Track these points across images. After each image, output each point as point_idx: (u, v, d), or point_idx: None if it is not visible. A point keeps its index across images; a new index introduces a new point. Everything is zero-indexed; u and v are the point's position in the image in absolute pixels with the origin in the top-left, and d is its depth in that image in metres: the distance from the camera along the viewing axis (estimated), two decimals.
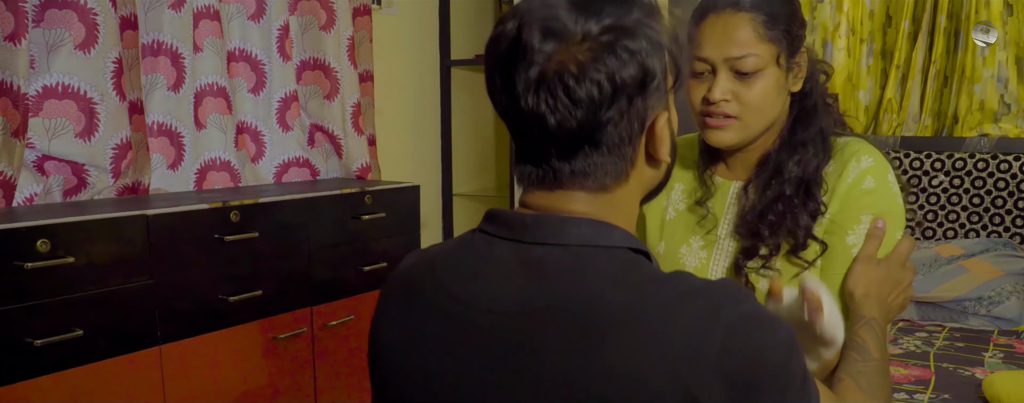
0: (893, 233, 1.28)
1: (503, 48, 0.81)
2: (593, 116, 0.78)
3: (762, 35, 1.22)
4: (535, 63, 0.77)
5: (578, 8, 0.79)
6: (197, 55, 2.27)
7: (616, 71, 0.77)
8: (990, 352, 2.42)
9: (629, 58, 0.78)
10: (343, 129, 2.65)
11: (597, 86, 0.77)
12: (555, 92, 0.77)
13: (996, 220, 3.01)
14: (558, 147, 0.81)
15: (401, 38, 3.09)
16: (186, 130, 2.27)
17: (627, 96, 0.78)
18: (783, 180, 1.30)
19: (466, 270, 0.84)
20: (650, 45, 0.79)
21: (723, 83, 1.24)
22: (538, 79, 0.78)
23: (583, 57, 0.77)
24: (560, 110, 0.78)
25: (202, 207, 1.94)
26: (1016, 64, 3.02)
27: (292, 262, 2.18)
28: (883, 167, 1.30)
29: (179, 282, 1.89)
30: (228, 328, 2.01)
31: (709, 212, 1.39)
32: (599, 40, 0.77)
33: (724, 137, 1.30)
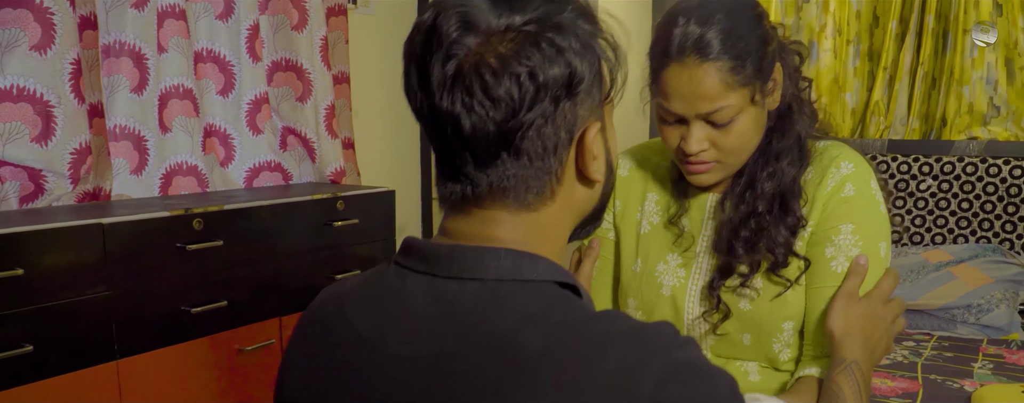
0: (876, 243, 1.21)
1: (419, 40, 0.73)
2: (512, 117, 0.70)
3: (732, 83, 1.12)
4: (452, 56, 0.70)
5: (504, 2, 0.72)
6: (162, 56, 2.19)
7: (539, 66, 0.69)
8: (979, 362, 2.37)
9: (555, 54, 0.70)
10: (316, 132, 2.58)
11: (517, 82, 0.69)
12: (472, 89, 0.69)
13: (985, 225, 2.96)
14: (474, 153, 0.73)
15: (379, 38, 3.01)
16: (150, 134, 2.19)
17: (552, 97, 0.71)
18: (756, 195, 1.23)
19: (376, 308, 0.76)
20: (581, 45, 0.72)
21: (698, 134, 1.16)
22: (454, 74, 0.70)
23: (504, 49, 0.69)
24: (476, 110, 0.70)
25: (162, 215, 1.86)
26: (1006, 66, 2.96)
27: (260, 270, 2.10)
28: (865, 173, 1.23)
29: (138, 293, 1.81)
30: (191, 341, 1.94)
31: (684, 230, 1.32)
32: (523, 31, 0.70)
33: (707, 179, 1.23)
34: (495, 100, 0.69)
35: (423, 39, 0.72)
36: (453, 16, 0.70)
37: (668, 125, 1.20)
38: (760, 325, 1.24)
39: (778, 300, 1.22)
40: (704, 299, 1.27)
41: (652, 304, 1.32)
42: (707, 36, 1.10)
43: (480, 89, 0.69)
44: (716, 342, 1.28)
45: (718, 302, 1.25)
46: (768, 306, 1.23)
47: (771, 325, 1.23)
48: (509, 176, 0.73)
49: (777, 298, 1.22)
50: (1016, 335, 2.61)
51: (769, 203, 1.22)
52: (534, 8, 0.71)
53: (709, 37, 1.10)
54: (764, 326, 1.24)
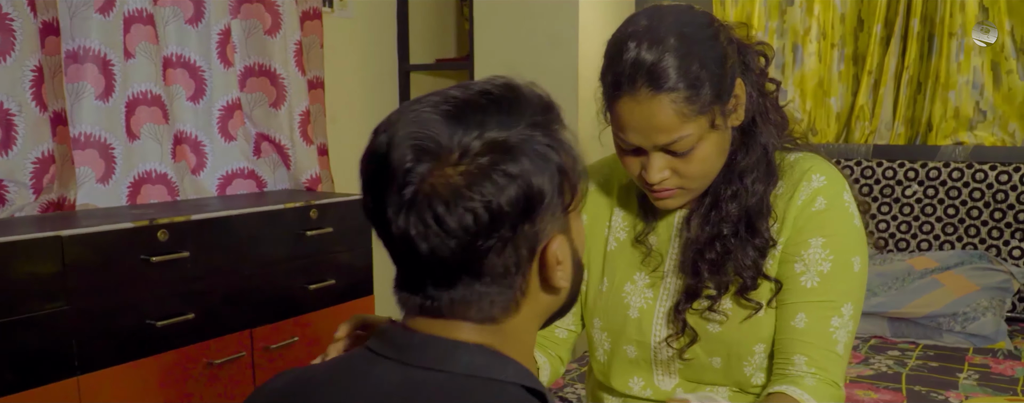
0: (848, 258, 1.16)
1: (373, 167, 0.72)
2: (470, 245, 0.69)
3: (688, 113, 1.06)
4: (406, 185, 0.69)
5: (456, 118, 0.70)
6: (129, 62, 2.14)
7: (494, 198, 0.68)
8: (965, 373, 2.33)
9: (508, 182, 0.69)
10: (291, 138, 2.53)
11: (472, 215, 0.68)
12: (426, 219, 0.68)
13: (971, 232, 2.92)
14: (434, 276, 0.73)
15: (356, 42, 2.96)
16: (117, 141, 2.13)
17: (510, 224, 0.70)
18: (721, 216, 1.17)
19: (340, 392, 0.75)
20: (538, 163, 0.70)
21: (657, 164, 1.11)
22: (409, 201, 0.69)
23: (456, 181, 0.68)
24: (431, 239, 0.69)
25: (125, 226, 1.81)
26: (992, 70, 2.93)
27: (230, 281, 2.05)
28: (837, 185, 1.17)
29: (99, 307, 1.76)
30: (156, 355, 1.89)
31: (651, 248, 1.26)
32: (476, 162, 0.68)
33: (671, 204, 1.18)
34: (449, 231, 0.68)
35: (377, 167, 0.71)
36: (406, 143, 0.69)
37: (627, 154, 1.15)
38: (730, 348, 1.19)
39: (748, 323, 1.17)
40: (670, 322, 1.23)
41: (619, 326, 1.27)
42: (661, 65, 1.04)
43: (434, 220, 0.69)
44: (684, 366, 1.24)
45: (684, 326, 1.20)
46: (738, 329, 1.18)
47: (742, 348, 1.19)
48: (471, 294, 0.73)
49: (747, 321, 1.17)
50: (1003, 344, 2.57)
51: (734, 225, 1.17)
52: (487, 125, 0.70)
53: (662, 66, 1.04)
54: (734, 349, 1.19)
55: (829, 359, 1.14)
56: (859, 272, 1.17)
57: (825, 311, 1.15)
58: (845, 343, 1.16)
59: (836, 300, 1.15)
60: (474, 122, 0.69)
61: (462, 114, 0.70)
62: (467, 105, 0.71)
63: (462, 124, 0.69)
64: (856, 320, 1.18)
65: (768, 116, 1.19)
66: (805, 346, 1.15)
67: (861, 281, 1.18)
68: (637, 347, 1.25)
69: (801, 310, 1.16)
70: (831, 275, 1.15)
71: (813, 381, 1.13)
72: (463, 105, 0.71)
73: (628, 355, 1.27)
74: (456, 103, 0.71)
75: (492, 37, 2.84)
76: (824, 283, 1.15)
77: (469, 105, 0.71)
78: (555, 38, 2.74)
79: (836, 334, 1.15)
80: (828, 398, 1.13)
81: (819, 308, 1.15)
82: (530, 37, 2.79)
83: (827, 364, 1.14)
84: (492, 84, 0.74)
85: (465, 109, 0.71)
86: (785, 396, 1.12)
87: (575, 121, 2.71)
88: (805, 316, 1.15)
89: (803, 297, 1.16)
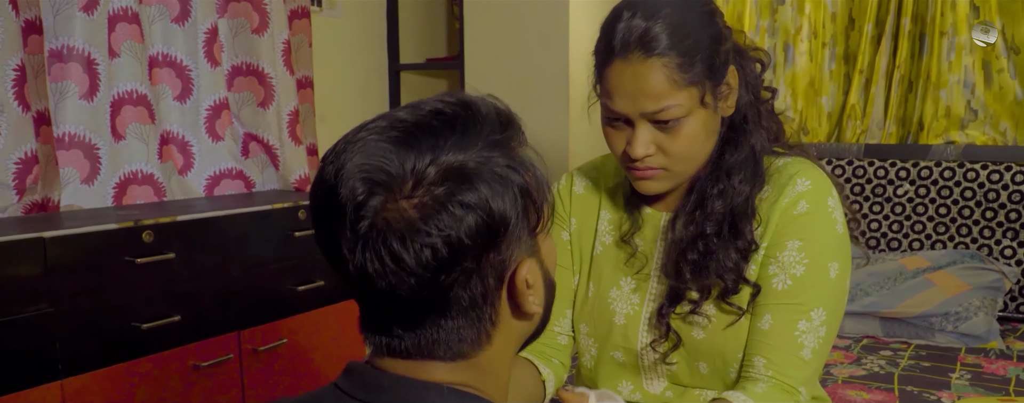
0: (825, 263, 1.12)
1: (323, 201, 0.67)
2: (431, 282, 0.65)
3: (679, 81, 1.04)
4: (358, 220, 0.64)
5: (407, 144, 0.65)
6: (114, 61, 2.11)
7: (452, 230, 0.64)
8: (957, 373, 2.32)
9: (466, 212, 0.64)
10: (279, 138, 2.50)
11: (430, 250, 0.64)
12: (381, 255, 0.64)
13: (963, 231, 2.92)
14: (397, 315, 0.69)
15: (345, 41, 2.94)
16: (102, 141, 2.11)
17: (472, 255, 0.65)
18: (706, 215, 1.14)
19: None
20: (498, 187, 0.66)
21: (643, 137, 1.08)
22: (364, 236, 0.64)
23: (411, 214, 0.63)
24: (389, 276, 0.65)
25: (110, 227, 1.78)
26: (983, 69, 2.92)
27: (217, 283, 2.02)
28: (823, 190, 1.14)
29: (83, 309, 1.73)
30: (142, 358, 1.85)
31: (637, 250, 1.23)
32: (431, 192, 0.64)
33: (653, 186, 1.14)
34: (407, 269, 0.64)
35: (327, 202, 0.67)
36: (355, 175, 0.65)
37: (613, 128, 1.12)
38: (714, 355, 1.17)
39: (731, 330, 1.15)
40: (653, 327, 1.20)
41: (605, 332, 1.24)
42: (653, 30, 1.03)
43: (390, 257, 0.64)
44: (671, 371, 1.22)
45: (667, 330, 1.17)
46: (722, 336, 1.15)
47: (727, 355, 1.16)
48: (438, 333, 0.69)
49: (730, 328, 1.15)
50: (994, 344, 2.57)
51: (718, 225, 1.14)
52: (440, 147, 0.65)
53: (655, 31, 1.03)
54: (719, 356, 1.17)
55: (790, 363, 1.11)
56: (836, 279, 1.13)
57: (792, 314, 1.11)
58: (813, 348, 1.11)
59: (805, 304, 1.11)
60: (427, 146, 0.65)
61: (413, 139, 0.65)
62: (418, 128, 0.66)
63: (413, 149, 0.65)
64: (831, 326, 1.13)
65: (760, 121, 1.17)
66: (766, 348, 1.11)
67: (838, 288, 1.14)
68: (624, 353, 1.23)
69: (768, 312, 1.12)
70: (804, 278, 1.11)
71: (765, 387, 1.09)
72: (414, 129, 0.66)
73: (616, 360, 1.25)
74: (405, 127, 0.66)
75: (482, 37, 2.82)
76: (795, 286, 1.11)
77: (420, 128, 0.66)
78: (545, 38, 2.73)
79: (802, 338, 1.11)
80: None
81: (786, 310, 1.11)
82: (520, 37, 2.77)
83: (787, 368, 1.10)
84: (444, 101, 0.69)
85: (416, 133, 0.66)
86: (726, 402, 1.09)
87: (565, 122, 2.69)
88: (771, 318, 1.12)
89: (772, 299, 1.12)
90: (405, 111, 0.69)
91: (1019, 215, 2.83)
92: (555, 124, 2.70)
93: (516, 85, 2.77)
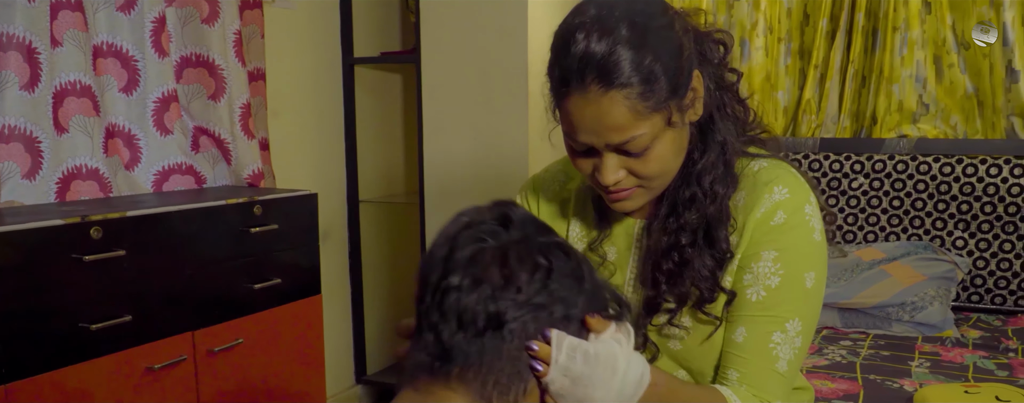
0: (800, 273, 1.08)
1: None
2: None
3: (643, 111, 0.98)
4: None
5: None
6: (56, 50, 2.01)
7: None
8: (916, 361, 2.34)
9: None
10: (231, 132, 2.42)
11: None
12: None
13: (916, 223, 2.96)
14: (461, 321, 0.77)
15: (298, 34, 2.86)
16: (44, 134, 2.01)
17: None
18: (680, 224, 1.10)
19: None
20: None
21: (611, 165, 1.03)
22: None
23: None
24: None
25: (55, 223, 1.69)
26: (934, 64, 2.97)
27: (170, 282, 1.94)
28: (800, 198, 1.09)
29: (27, 310, 1.64)
30: (91, 360, 1.77)
31: (606, 259, 1.18)
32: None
33: (629, 205, 1.09)
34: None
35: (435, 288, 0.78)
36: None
37: (579, 155, 1.07)
38: (692, 366, 1.15)
39: (709, 342, 1.12)
40: None
41: None
42: (610, 59, 0.95)
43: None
44: None
45: (645, 341, 1.13)
46: (699, 348, 1.12)
47: (705, 367, 1.14)
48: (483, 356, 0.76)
49: (708, 341, 1.11)
50: (950, 332, 2.60)
51: (693, 234, 1.10)
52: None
53: (613, 59, 0.95)
54: (698, 366, 1.14)
55: (765, 375, 1.08)
56: (812, 288, 1.10)
57: (767, 325, 1.09)
58: (789, 360, 1.09)
59: (781, 315, 1.08)
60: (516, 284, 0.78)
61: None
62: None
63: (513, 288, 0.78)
64: (806, 336, 1.11)
65: (726, 110, 1.12)
66: (739, 361, 1.09)
67: (813, 297, 1.11)
68: None
69: (743, 324, 1.10)
70: (779, 290, 1.08)
71: (745, 393, 1.08)
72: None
73: None
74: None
75: (439, 30, 2.77)
76: (770, 297, 1.09)
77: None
78: (504, 31, 2.69)
79: (777, 350, 1.08)
80: None
81: (761, 322, 1.09)
82: (478, 30, 2.72)
83: (762, 381, 1.08)
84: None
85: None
86: (715, 391, 1.07)
87: (525, 117, 2.65)
88: (745, 330, 1.09)
89: (747, 310, 1.10)
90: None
91: (970, 207, 2.88)
92: (514, 118, 2.66)
93: (474, 79, 2.72)
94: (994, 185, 2.83)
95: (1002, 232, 2.85)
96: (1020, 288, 2.85)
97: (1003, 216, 2.84)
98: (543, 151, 2.70)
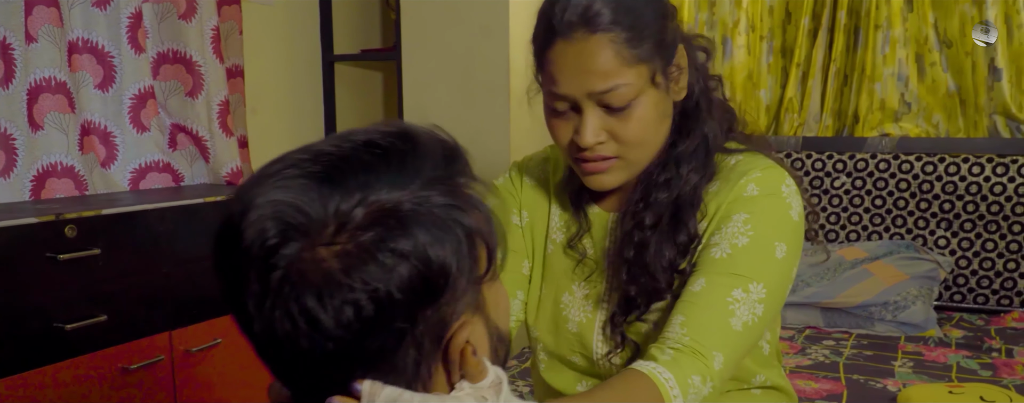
0: (771, 241, 1.02)
1: (227, 246, 0.58)
2: (353, 345, 0.55)
3: (628, 58, 0.97)
4: (267, 269, 0.55)
5: (331, 181, 0.56)
6: (30, 46, 1.97)
7: (381, 283, 0.54)
8: (899, 361, 2.34)
9: (398, 262, 0.54)
10: (209, 130, 2.38)
11: (353, 307, 0.54)
12: (292, 314, 0.54)
13: (899, 222, 2.96)
14: (319, 378, 0.59)
15: (276, 30, 2.83)
16: (18, 131, 1.97)
17: (404, 313, 0.56)
18: (647, 205, 1.06)
19: None
20: (437, 232, 0.56)
21: (592, 122, 1.00)
22: (272, 293, 0.55)
23: (331, 264, 0.54)
24: (300, 339, 0.55)
25: (29, 221, 1.65)
26: (916, 62, 2.97)
27: (147, 281, 1.91)
28: (775, 178, 1.05)
29: (0, 310, 1.60)
30: (66, 360, 1.73)
31: (584, 255, 1.14)
32: (357, 238, 0.54)
33: (606, 180, 1.05)
34: (324, 331, 0.54)
35: (231, 244, 0.57)
36: (265, 212, 0.55)
37: (558, 117, 1.04)
38: None
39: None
40: (607, 338, 1.12)
41: (558, 340, 1.16)
42: (595, 6, 0.96)
43: (303, 317, 0.54)
44: None
45: (622, 340, 1.10)
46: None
47: None
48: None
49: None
50: (933, 332, 2.61)
51: (658, 216, 1.06)
52: (371, 185, 0.55)
53: (597, 6, 0.96)
54: None
55: (713, 327, 0.98)
56: (782, 260, 1.03)
57: (728, 280, 1.00)
58: (746, 322, 0.99)
59: (745, 275, 1.00)
60: (355, 184, 0.55)
61: (339, 174, 0.56)
62: (346, 162, 0.57)
63: (339, 187, 0.55)
64: (769, 308, 1.02)
65: (712, 108, 1.11)
66: (689, 307, 0.99)
67: (782, 270, 1.04)
68: (581, 358, 1.18)
69: (703, 275, 1.02)
70: (746, 250, 1.02)
71: (672, 354, 0.96)
72: (340, 163, 0.57)
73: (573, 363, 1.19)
74: (331, 161, 0.57)
75: (420, 27, 2.74)
76: (736, 255, 1.01)
77: (348, 162, 0.57)
78: (485, 28, 2.67)
79: (735, 306, 0.99)
80: (691, 371, 0.95)
81: (723, 278, 1.01)
82: (459, 27, 2.70)
83: (707, 331, 0.97)
84: (379, 132, 0.59)
85: (343, 168, 0.56)
86: (639, 375, 0.94)
87: (506, 115, 2.63)
88: (705, 281, 1.01)
89: (710, 267, 1.02)
90: (332, 142, 0.59)
91: (952, 206, 2.88)
92: (496, 116, 2.64)
93: (455, 76, 2.70)
94: (976, 184, 2.84)
95: (984, 231, 2.86)
96: (1003, 287, 2.87)
97: (985, 215, 2.85)
98: (525, 147, 2.68)
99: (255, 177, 0.58)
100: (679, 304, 1.02)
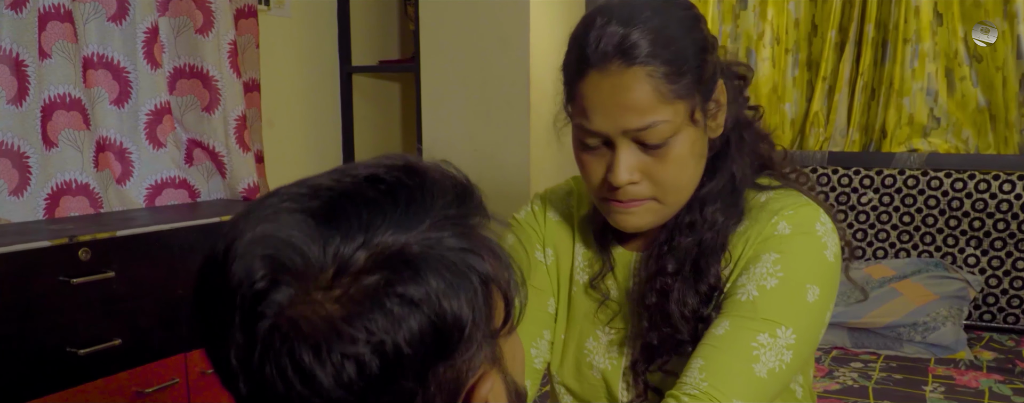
0: (802, 283, 0.94)
1: (210, 287, 0.51)
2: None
3: (666, 94, 0.89)
4: (254, 317, 0.48)
5: (332, 217, 0.49)
6: (44, 62, 1.94)
7: (388, 335, 0.47)
8: (930, 386, 2.28)
9: (408, 311, 0.48)
10: (226, 145, 2.35)
11: (354, 364, 0.47)
12: (284, 370, 0.47)
13: (927, 239, 2.90)
14: None
15: (294, 43, 2.79)
16: (32, 149, 1.93)
17: (414, 371, 0.49)
18: (670, 249, 1.00)
19: None
20: (451, 278, 0.49)
21: (626, 160, 0.93)
22: (260, 345, 0.47)
23: (331, 311, 0.47)
24: (294, 400, 0.47)
25: (41, 245, 1.62)
26: (946, 77, 2.91)
27: (162, 302, 1.87)
28: (810, 215, 0.98)
29: (13, 335, 1.57)
30: (79, 386, 1.70)
31: (606, 297, 1.08)
32: (360, 282, 0.47)
33: (635, 221, 0.98)
34: (322, 392, 0.47)
35: (214, 289, 0.50)
36: (254, 249, 0.48)
37: (589, 152, 0.97)
38: None
39: None
40: (631, 385, 1.06)
41: (581, 386, 1.11)
42: (632, 36, 0.89)
43: (297, 374, 0.47)
44: None
45: (645, 388, 1.04)
46: None
47: None
48: None
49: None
50: (962, 353, 2.54)
51: (679, 263, 0.99)
52: (374, 226, 0.49)
53: (635, 37, 0.89)
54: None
55: (734, 373, 0.91)
56: (814, 304, 0.95)
57: (753, 324, 0.93)
58: (770, 370, 0.92)
59: (773, 319, 0.93)
60: (358, 224, 0.49)
61: (339, 212, 0.50)
62: (347, 199, 0.50)
63: (339, 227, 0.49)
64: (798, 355, 0.94)
65: (744, 145, 1.03)
66: (710, 351, 0.92)
67: (814, 314, 0.96)
68: (607, 401, 1.12)
69: (728, 319, 0.95)
70: (775, 292, 0.94)
71: (687, 402, 0.90)
72: (341, 199, 0.50)
73: None
74: (330, 196, 0.51)
75: (439, 38, 2.70)
76: (763, 298, 0.94)
77: (350, 198, 0.50)
78: (505, 39, 2.62)
79: (760, 352, 0.91)
80: None
81: (749, 322, 0.94)
82: (479, 38, 2.66)
83: (728, 378, 0.90)
84: (383, 166, 0.53)
85: (344, 205, 0.50)
86: None
87: (526, 128, 2.59)
88: (729, 324, 0.94)
89: (735, 310, 0.95)
90: (332, 176, 0.53)
91: (982, 224, 2.82)
92: (515, 127, 2.59)
93: (474, 87, 2.65)
94: (1007, 201, 2.77)
95: (1015, 249, 2.79)
96: None
97: (1016, 233, 2.78)
98: (545, 164, 2.64)
99: (246, 210, 0.52)
100: (700, 347, 0.95)
